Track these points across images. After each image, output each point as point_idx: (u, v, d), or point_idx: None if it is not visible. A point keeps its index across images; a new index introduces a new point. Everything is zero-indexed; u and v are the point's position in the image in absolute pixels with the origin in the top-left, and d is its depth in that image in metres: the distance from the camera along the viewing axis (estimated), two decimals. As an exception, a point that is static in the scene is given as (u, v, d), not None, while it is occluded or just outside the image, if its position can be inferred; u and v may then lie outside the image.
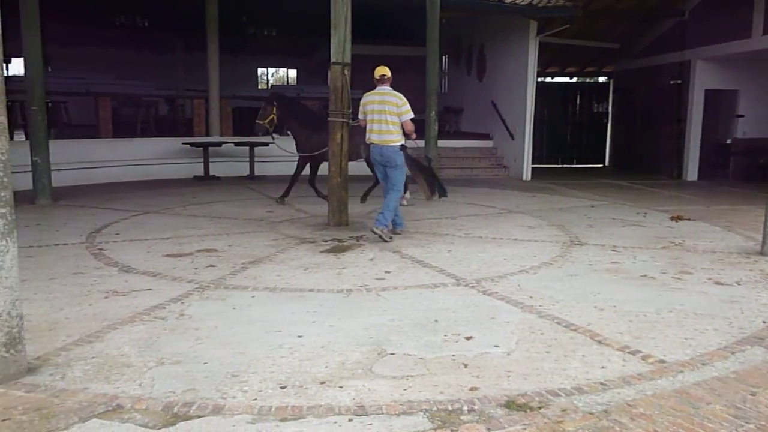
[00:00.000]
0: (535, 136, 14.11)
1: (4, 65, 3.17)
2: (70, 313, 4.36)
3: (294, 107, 9.36)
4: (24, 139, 10.41)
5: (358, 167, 8.73)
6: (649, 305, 4.68)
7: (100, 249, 6.35)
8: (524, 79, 13.49)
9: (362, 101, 7.06)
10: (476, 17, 15.12)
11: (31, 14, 8.75)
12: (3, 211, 3.15)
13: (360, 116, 7.18)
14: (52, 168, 9.42)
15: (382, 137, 6.88)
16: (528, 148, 13.73)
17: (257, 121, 8.81)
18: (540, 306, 4.64)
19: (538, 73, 13.98)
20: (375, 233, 6.73)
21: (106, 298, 4.72)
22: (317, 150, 8.56)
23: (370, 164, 8.42)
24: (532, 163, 14.02)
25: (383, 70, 7.01)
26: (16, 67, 12.81)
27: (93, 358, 3.58)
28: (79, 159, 11.65)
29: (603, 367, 3.52)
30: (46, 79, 9.50)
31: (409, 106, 6.87)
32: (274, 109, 8.81)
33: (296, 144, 9.22)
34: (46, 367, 3.44)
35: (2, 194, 3.15)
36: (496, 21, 14.63)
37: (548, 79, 19.26)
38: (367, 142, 7.06)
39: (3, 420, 2.84)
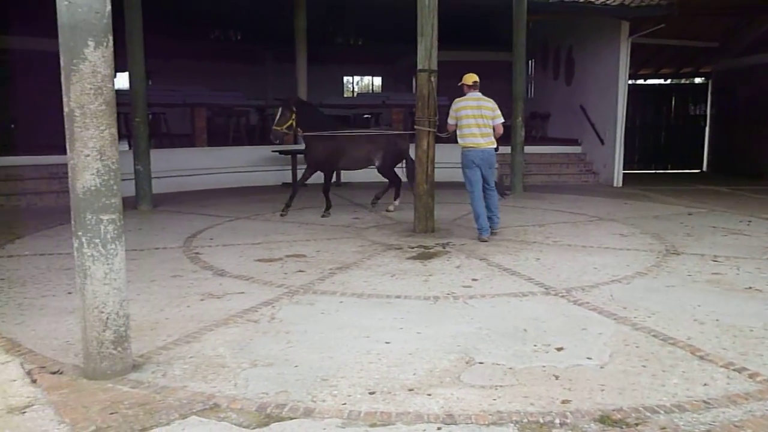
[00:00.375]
0: (627, 141, 13.60)
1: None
2: (170, 314, 4.58)
3: (313, 113, 9.08)
4: (128, 148, 11.05)
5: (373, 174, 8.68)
6: (755, 319, 4.40)
7: (196, 253, 6.64)
8: (615, 82, 13.04)
9: (455, 107, 7.24)
10: (564, 20, 14.77)
11: (135, 31, 9.31)
12: (113, 216, 3.36)
13: (451, 121, 7.33)
14: (153, 176, 9.96)
15: (487, 140, 7.16)
16: (619, 153, 13.25)
17: (274, 127, 8.49)
18: (635, 317, 4.46)
19: (629, 75, 13.48)
20: (494, 234, 7.34)
21: (202, 300, 4.93)
22: (332, 156, 8.75)
23: (382, 171, 9.09)
24: (624, 169, 13.51)
25: (474, 77, 7.27)
26: (121, 81, 13.64)
27: (191, 357, 3.74)
28: (176, 167, 12.24)
29: (705, 385, 3.34)
30: (147, 91, 10.06)
31: (500, 111, 7.22)
32: (293, 114, 8.49)
33: (308, 150, 9.03)
34: (148, 364, 3.62)
35: (113, 201, 3.35)
36: (585, 23, 14.23)
37: (640, 82, 18.53)
38: (468, 146, 7.18)
39: (111, 413, 3.02)
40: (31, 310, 4.67)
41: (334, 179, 12.89)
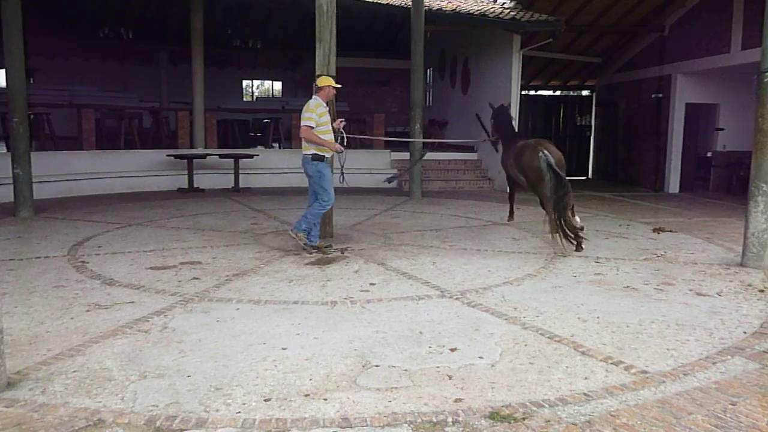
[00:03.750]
0: (520, 149, 14.16)
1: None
2: (51, 327, 4.31)
3: (509, 121, 8.99)
4: (5, 151, 10.30)
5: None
6: (631, 316, 4.72)
7: (83, 262, 6.28)
8: (508, 92, 13.59)
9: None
10: (460, 31, 15.25)
11: (13, 25, 8.69)
12: (-16, 223, 3.12)
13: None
14: (34, 180, 9.32)
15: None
16: (512, 161, 13.80)
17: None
18: (524, 317, 4.66)
19: (522, 86, 14.10)
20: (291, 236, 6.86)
21: (88, 311, 4.67)
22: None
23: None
24: (516, 176, 14.08)
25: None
26: (-1, 78, 12.74)
27: (74, 372, 3.54)
28: (61, 171, 11.55)
29: (586, 378, 3.54)
30: (28, 90, 9.43)
31: (308, 114, 6.61)
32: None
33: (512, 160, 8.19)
34: (26, 381, 3.39)
35: (-17, 206, 3.12)
36: (480, 35, 14.77)
37: (532, 92, 19.45)
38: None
39: (-19, 435, 2.80)
40: None
41: (234, 185, 12.67)
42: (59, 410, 3.07)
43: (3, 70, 9.29)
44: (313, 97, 6.81)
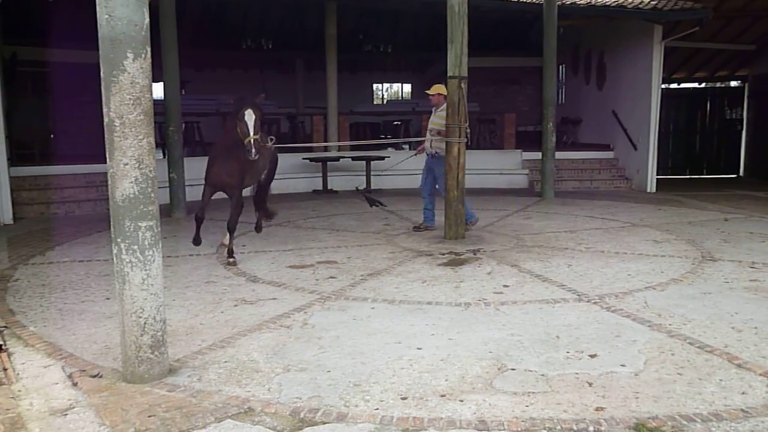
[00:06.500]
0: (661, 146, 13.40)
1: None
2: (204, 320, 4.66)
3: None
4: (162, 157, 11.26)
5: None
6: (795, 327, 4.31)
7: (230, 261, 6.72)
8: (648, 86, 12.86)
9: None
10: (595, 24, 14.64)
11: (170, 42, 9.50)
12: (151, 223, 3.45)
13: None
14: (186, 183, 10.13)
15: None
16: (652, 159, 13.05)
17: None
18: (670, 325, 4.40)
19: (663, 79, 13.29)
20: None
21: (235, 306, 5.00)
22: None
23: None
24: (658, 175, 13.31)
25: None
26: (156, 91, 13.94)
27: (225, 362, 3.80)
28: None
29: (744, 393, 3.28)
30: (181, 101, 10.24)
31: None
32: None
33: None
34: (184, 369, 3.69)
35: (150, 208, 3.44)
36: (617, 27, 14.08)
37: (674, 86, 18.26)
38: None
39: (149, 416, 3.09)
40: (72, 315, 4.79)
41: (365, 186, 13.00)
42: (214, 397, 3.31)
43: (161, 83, 10.11)
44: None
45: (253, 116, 6.05)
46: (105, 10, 3.27)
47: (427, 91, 8.15)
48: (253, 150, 6.00)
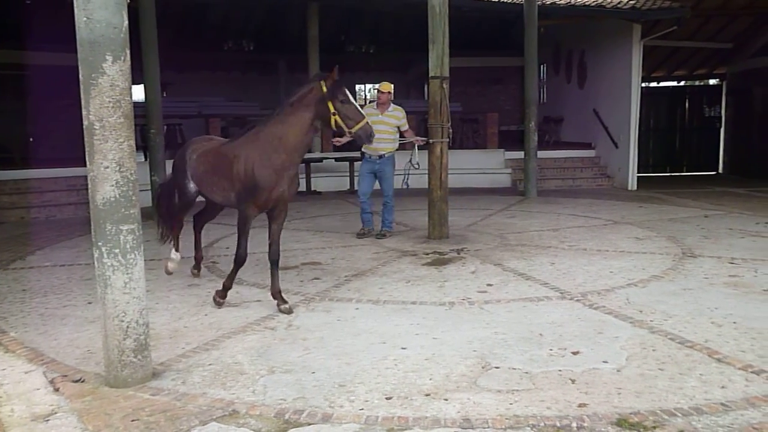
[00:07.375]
0: (641, 144, 13.53)
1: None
2: (188, 322, 4.63)
3: None
4: (143, 159, 11.17)
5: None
6: (774, 321, 4.38)
7: (213, 262, 6.71)
8: (628, 84, 12.99)
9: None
10: (576, 24, 14.75)
11: (150, 44, 9.42)
12: (132, 227, 3.42)
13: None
14: (170, 187, 10.04)
15: None
16: (633, 157, 13.17)
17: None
18: (651, 321, 4.45)
19: (642, 77, 13.42)
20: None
21: (220, 308, 4.98)
22: None
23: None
24: (638, 172, 13.44)
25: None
26: (136, 93, 13.83)
27: (210, 365, 3.78)
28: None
29: (724, 387, 3.33)
30: (162, 103, 10.17)
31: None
32: None
33: None
34: (168, 372, 3.67)
35: (131, 211, 3.42)
36: (597, 26, 14.19)
37: (654, 84, 18.44)
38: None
39: (133, 420, 3.07)
40: (53, 319, 4.74)
41: (349, 187, 12.99)
42: (198, 400, 3.30)
43: (141, 86, 10.04)
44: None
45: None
46: (83, 12, 3.25)
47: (379, 88, 7.67)
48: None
